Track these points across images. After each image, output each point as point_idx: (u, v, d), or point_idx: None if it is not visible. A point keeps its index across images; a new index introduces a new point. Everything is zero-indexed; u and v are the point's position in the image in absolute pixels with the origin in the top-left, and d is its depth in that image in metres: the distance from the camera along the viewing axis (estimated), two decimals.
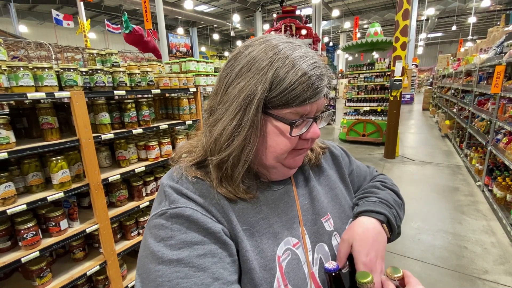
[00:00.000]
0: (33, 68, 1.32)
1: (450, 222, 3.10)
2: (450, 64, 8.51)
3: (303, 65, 0.45)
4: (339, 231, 0.58)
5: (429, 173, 4.65)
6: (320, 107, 0.50)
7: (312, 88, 0.45)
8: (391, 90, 5.23)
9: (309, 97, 0.45)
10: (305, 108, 0.47)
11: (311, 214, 0.58)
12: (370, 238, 0.53)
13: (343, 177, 0.69)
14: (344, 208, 0.63)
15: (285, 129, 0.48)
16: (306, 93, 0.44)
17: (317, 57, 0.48)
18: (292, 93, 0.44)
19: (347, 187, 0.69)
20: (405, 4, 4.71)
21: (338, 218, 0.60)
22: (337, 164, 0.70)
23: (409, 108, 14.01)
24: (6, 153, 1.22)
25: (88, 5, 12.15)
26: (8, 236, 1.37)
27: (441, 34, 23.95)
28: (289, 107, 0.46)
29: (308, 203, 0.59)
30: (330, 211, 0.60)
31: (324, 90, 0.47)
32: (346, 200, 0.65)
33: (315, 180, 0.63)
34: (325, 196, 0.62)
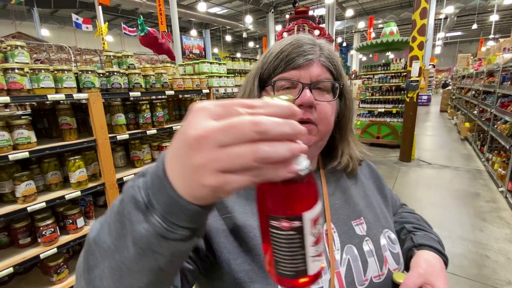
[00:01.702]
0: (54, 70, 1.37)
1: (471, 229, 2.97)
2: (471, 64, 8.19)
3: (283, 43, 0.56)
4: (372, 237, 0.57)
5: (447, 178, 4.48)
6: (314, 76, 0.54)
7: (292, 54, 0.54)
8: (407, 91, 5.08)
9: (288, 61, 0.54)
10: (292, 74, 0.54)
11: (342, 214, 0.58)
12: (445, 277, 0.55)
13: (382, 189, 0.70)
14: (379, 217, 0.62)
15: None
16: (285, 58, 0.54)
17: (306, 38, 0.56)
18: (275, 63, 0.55)
19: (385, 200, 0.68)
20: (422, 2, 4.57)
21: (372, 225, 0.59)
22: (375, 176, 0.71)
23: (426, 110, 13.58)
24: (27, 153, 1.27)
25: (106, 9, 12.55)
26: (28, 232, 1.42)
27: (461, 33, 23.11)
28: (276, 74, 0.55)
29: (339, 203, 0.59)
30: (364, 216, 0.59)
31: (305, 56, 0.53)
32: (381, 211, 0.64)
33: (350, 184, 0.64)
34: (360, 201, 0.62)
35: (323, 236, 0.33)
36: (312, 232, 0.31)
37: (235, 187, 0.24)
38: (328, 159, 0.65)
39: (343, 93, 0.60)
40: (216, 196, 0.26)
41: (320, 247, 0.33)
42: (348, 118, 0.63)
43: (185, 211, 0.27)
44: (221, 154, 0.23)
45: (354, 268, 0.52)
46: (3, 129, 1.23)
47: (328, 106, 0.55)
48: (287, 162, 0.26)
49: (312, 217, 0.31)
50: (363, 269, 0.53)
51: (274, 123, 0.25)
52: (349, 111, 0.62)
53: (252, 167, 0.24)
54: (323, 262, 0.34)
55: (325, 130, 0.55)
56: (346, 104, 0.61)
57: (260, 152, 0.24)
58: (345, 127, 0.63)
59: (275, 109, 0.26)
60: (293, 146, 0.25)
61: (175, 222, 0.28)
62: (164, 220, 0.28)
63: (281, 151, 0.24)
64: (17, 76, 1.24)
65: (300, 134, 0.26)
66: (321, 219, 0.33)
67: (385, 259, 0.55)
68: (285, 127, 0.25)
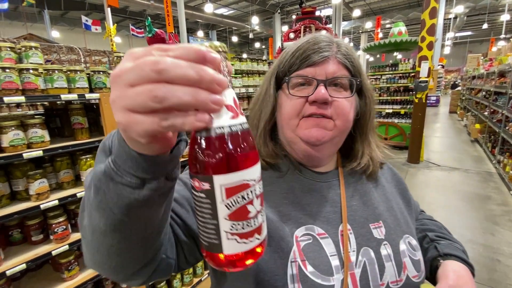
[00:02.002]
0: (67, 71, 1.40)
1: (481, 232, 2.91)
2: (481, 64, 8.03)
3: (300, 41, 0.57)
4: (391, 242, 0.56)
5: (457, 180, 4.40)
6: (329, 73, 0.54)
7: (307, 52, 0.54)
8: (416, 92, 5.02)
9: (304, 58, 0.54)
10: (307, 71, 0.54)
11: (359, 216, 0.57)
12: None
13: (404, 193, 0.68)
14: (399, 222, 0.60)
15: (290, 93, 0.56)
16: (301, 56, 0.55)
17: (323, 36, 0.56)
18: (291, 61, 0.56)
19: (407, 205, 0.67)
20: (432, 2, 4.51)
21: (391, 229, 0.58)
22: (397, 180, 0.70)
23: (435, 111, 13.38)
24: (41, 151, 1.29)
25: (114, 11, 12.74)
26: (41, 229, 1.45)
27: (471, 33, 22.68)
28: (292, 72, 0.56)
29: (357, 204, 0.59)
30: (383, 219, 0.58)
31: (321, 53, 0.53)
32: (403, 215, 0.62)
33: (370, 186, 0.63)
34: (379, 204, 0.61)
35: (255, 220, 0.30)
36: (227, 203, 0.28)
37: (144, 129, 0.24)
38: (348, 159, 0.64)
39: (362, 91, 0.60)
40: (133, 138, 0.26)
41: (244, 226, 0.29)
42: (369, 117, 0.61)
43: (129, 156, 0.29)
44: (126, 92, 0.24)
45: (370, 271, 0.52)
46: (18, 128, 1.26)
47: (345, 102, 0.54)
48: (199, 111, 0.25)
49: (226, 184, 0.28)
50: (379, 273, 0.52)
51: (174, 64, 0.23)
52: (369, 110, 0.61)
53: (156, 110, 0.24)
54: (255, 249, 0.30)
55: (342, 125, 0.55)
56: (366, 102, 0.60)
57: (156, 91, 0.23)
58: (365, 127, 0.62)
59: (182, 52, 0.25)
60: (199, 92, 0.24)
61: (121, 166, 0.30)
62: (113, 162, 0.30)
63: (180, 95, 0.23)
64: (32, 76, 1.27)
65: (209, 81, 0.24)
66: (249, 195, 0.29)
67: (404, 265, 0.54)
68: (188, 70, 0.24)
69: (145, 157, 0.29)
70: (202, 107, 0.25)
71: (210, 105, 0.25)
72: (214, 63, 0.25)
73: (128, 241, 0.35)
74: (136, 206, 0.32)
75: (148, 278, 0.44)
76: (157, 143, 0.28)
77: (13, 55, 1.43)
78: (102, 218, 0.33)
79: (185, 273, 2.06)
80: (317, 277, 0.48)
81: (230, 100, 0.29)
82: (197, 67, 0.24)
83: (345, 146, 0.64)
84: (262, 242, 0.32)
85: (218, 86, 0.25)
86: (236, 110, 0.29)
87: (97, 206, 0.32)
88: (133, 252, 0.38)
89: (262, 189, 0.32)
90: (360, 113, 0.60)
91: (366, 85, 0.59)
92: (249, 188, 0.29)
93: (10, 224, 1.43)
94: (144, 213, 0.33)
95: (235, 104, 0.29)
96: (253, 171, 0.29)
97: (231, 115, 0.28)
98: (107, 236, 0.34)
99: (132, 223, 0.34)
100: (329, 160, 0.62)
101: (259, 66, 2.91)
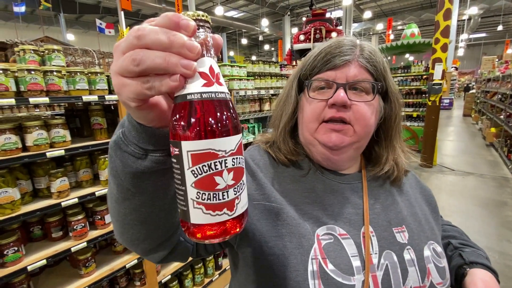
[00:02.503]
0: (88, 73, 1.44)
1: (497, 239, 2.83)
2: (497, 66, 7.82)
3: (324, 45, 0.57)
4: (414, 247, 0.55)
5: (471, 185, 4.29)
6: (350, 76, 0.54)
7: (329, 55, 0.54)
8: (429, 95, 4.93)
9: (325, 61, 0.55)
10: (328, 74, 0.55)
11: (382, 219, 0.57)
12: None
13: (430, 200, 0.68)
14: (424, 228, 0.59)
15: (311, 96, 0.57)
16: (322, 59, 0.55)
17: (347, 39, 0.56)
18: (313, 64, 0.56)
19: (433, 211, 0.66)
20: (446, 3, 4.43)
21: (415, 234, 0.57)
22: (422, 187, 0.69)
23: (448, 114, 13.09)
24: (63, 151, 1.34)
25: (127, 14, 13.01)
26: (60, 226, 1.49)
27: (485, 35, 22.14)
28: (313, 75, 0.57)
29: (380, 208, 0.58)
30: (406, 224, 0.58)
31: (342, 57, 0.53)
32: (427, 222, 0.62)
33: (393, 191, 0.62)
34: (403, 208, 0.60)
35: (225, 193, 0.29)
36: (192, 170, 0.28)
37: (130, 90, 0.28)
38: (371, 164, 0.64)
39: (388, 95, 0.59)
40: (125, 102, 0.30)
41: (210, 197, 0.29)
42: (394, 122, 0.60)
43: (133, 127, 0.34)
44: (119, 58, 0.28)
45: (393, 274, 0.51)
46: (41, 128, 1.30)
47: (365, 106, 0.54)
48: (174, 73, 0.27)
49: (192, 151, 0.28)
50: (402, 277, 0.51)
51: (150, 30, 0.26)
52: (395, 114, 0.59)
53: (138, 73, 0.27)
54: (223, 224, 0.30)
55: (361, 131, 0.54)
56: (392, 107, 0.59)
57: (135, 55, 0.26)
58: (390, 131, 0.61)
59: (159, 20, 0.28)
60: (170, 56, 0.26)
61: (128, 136, 0.34)
62: (122, 133, 0.35)
63: (153, 58, 0.26)
64: (55, 78, 1.32)
65: (179, 45, 0.26)
66: (217, 166, 0.28)
67: (428, 271, 0.53)
68: (160, 35, 0.26)
69: (145, 128, 0.33)
70: (172, 70, 0.27)
71: (180, 68, 0.27)
72: (187, 29, 0.27)
73: (138, 213, 0.39)
74: (140, 177, 0.35)
75: (165, 257, 0.48)
76: (149, 110, 0.31)
77: (36, 58, 1.49)
78: (114, 185, 0.38)
79: (197, 273, 2.08)
80: (337, 275, 0.49)
81: (206, 68, 0.29)
82: (169, 32, 0.26)
83: (369, 150, 0.64)
84: (234, 219, 0.31)
85: (189, 51, 0.27)
86: (211, 78, 0.29)
87: (110, 173, 0.37)
88: (145, 226, 0.41)
89: (241, 164, 0.31)
90: (385, 117, 0.59)
91: (391, 89, 0.58)
92: (216, 158, 0.28)
93: (31, 221, 1.48)
94: (150, 186, 0.36)
95: (212, 72, 0.29)
96: (224, 141, 0.29)
97: (203, 82, 0.28)
98: (120, 205, 0.39)
99: (139, 194, 0.37)
100: (351, 163, 0.62)
101: (271, 68, 2.92)
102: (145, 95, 0.28)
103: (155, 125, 0.33)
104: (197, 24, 0.29)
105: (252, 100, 2.62)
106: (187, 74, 0.27)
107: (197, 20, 0.30)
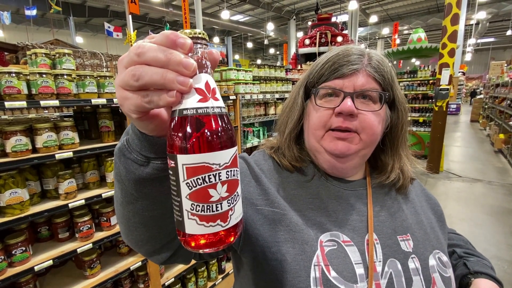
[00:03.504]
0: (97, 76, 1.47)
1: (507, 248, 2.77)
2: (505, 72, 7.72)
3: (331, 53, 0.57)
4: (419, 256, 0.55)
5: (479, 192, 4.22)
6: (358, 85, 0.54)
7: (337, 64, 0.55)
8: (436, 100, 4.88)
9: (333, 70, 0.55)
10: (335, 83, 0.55)
11: (387, 227, 0.57)
12: None
13: (435, 208, 0.67)
14: (429, 237, 0.59)
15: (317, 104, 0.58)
16: (330, 68, 0.55)
17: (355, 48, 0.57)
18: (321, 72, 0.57)
19: (439, 220, 0.66)
20: (454, 8, 4.40)
21: (420, 243, 0.57)
22: (427, 195, 0.69)
23: (455, 119, 12.93)
24: (71, 153, 1.36)
25: (135, 18, 13.22)
26: (67, 227, 1.51)
27: (493, 39, 21.90)
28: (320, 83, 0.57)
29: (384, 215, 0.58)
30: (411, 232, 0.57)
31: (350, 66, 0.54)
32: (433, 230, 0.61)
33: (399, 199, 0.62)
34: (408, 217, 0.60)
35: (219, 205, 0.30)
36: (187, 182, 0.29)
37: (131, 103, 0.30)
38: (377, 171, 0.64)
39: (395, 104, 0.59)
40: (127, 113, 0.31)
41: (204, 209, 0.30)
42: (400, 131, 0.60)
43: (136, 136, 0.35)
44: (121, 72, 0.30)
45: (397, 283, 0.51)
46: (51, 130, 1.33)
47: (372, 116, 0.54)
48: (171, 89, 0.28)
49: (187, 164, 0.29)
50: (406, 286, 0.51)
51: (149, 47, 0.28)
52: (401, 123, 0.59)
53: (137, 87, 0.29)
54: (216, 234, 0.31)
55: (368, 139, 0.54)
56: (398, 115, 0.59)
57: (135, 71, 0.28)
58: (396, 140, 0.61)
59: (158, 37, 0.29)
60: (167, 73, 0.28)
61: (131, 144, 0.36)
62: (126, 141, 0.37)
63: (151, 74, 0.28)
64: (65, 81, 1.34)
65: (176, 63, 0.28)
66: (211, 179, 0.29)
67: (433, 281, 0.53)
68: (158, 53, 0.28)
69: (146, 137, 0.35)
70: (169, 86, 0.28)
71: (176, 85, 0.28)
72: (183, 47, 0.29)
73: (141, 216, 0.41)
74: (142, 183, 0.37)
75: (168, 259, 0.49)
76: (149, 121, 0.33)
77: (47, 61, 1.52)
78: (119, 190, 0.40)
79: (200, 277, 2.08)
80: (340, 283, 0.48)
81: (202, 84, 0.30)
82: (167, 51, 0.28)
83: (375, 158, 0.64)
84: (227, 230, 0.32)
85: (185, 69, 0.28)
86: (207, 94, 0.30)
87: (115, 178, 0.39)
88: (148, 228, 0.43)
89: (235, 176, 0.32)
90: (391, 126, 0.59)
91: (398, 98, 0.58)
92: (211, 171, 0.29)
93: (39, 221, 1.50)
94: (151, 191, 0.38)
95: (208, 88, 0.31)
96: (218, 155, 0.30)
97: (199, 98, 0.30)
98: (124, 208, 0.41)
99: (142, 199, 0.39)
100: (356, 171, 0.62)
101: (276, 73, 2.93)
102: (144, 108, 0.30)
103: (157, 134, 0.35)
104: (194, 41, 0.31)
105: (257, 104, 2.63)
106: (183, 90, 0.29)
107: (193, 38, 0.31)
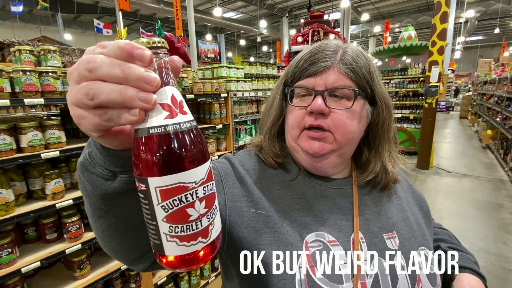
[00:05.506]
0: None
1: (493, 241, 2.85)
2: (493, 69, 7.90)
3: (306, 50, 0.56)
4: (405, 253, 0.55)
5: (467, 187, 4.32)
6: (329, 83, 0.53)
7: (307, 62, 0.54)
8: (426, 97, 4.96)
9: (304, 68, 0.54)
10: (307, 81, 0.55)
11: (373, 225, 0.56)
12: None
13: (421, 204, 0.67)
14: (415, 233, 0.59)
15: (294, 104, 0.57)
16: (301, 66, 0.55)
17: (329, 44, 0.56)
18: (295, 71, 0.56)
19: (425, 216, 0.66)
20: (443, 6, 4.47)
21: (406, 240, 0.56)
22: (414, 191, 0.69)
23: (445, 116, 13.18)
24: (58, 152, 1.33)
25: (125, 14, 12.99)
26: (55, 228, 1.48)
27: (482, 38, 22.33)
28: (295, 82, 0.57)
29: (370, 213, 0.58)
30: (397, 230, 0.57)
31: (320, 63, 0.53)
32: (419, 227, 0.61)
33: (384, 197, 0.62)
34: (394, 214, 0.60)
35: (198, 223, 0.29)
36: (163, 205, 0.27)
37: (89, 122, 0.26)
38: (362, 169, 0.63)
39: (376, 100, 0.57)
40: (87, 132, 0.28)
41: (183, 230, 0.28)
42: (382, 128, 0.58)
43: (98, 150, 0.32)
44: (73, 88, 0.26)
45: (382, 281, 0.51)
46: (36, 129, 1.29)
47: (345, 113, 0.52)
48: (132, 108, 0.25)
49: (160, 187, 0.26)
50: (392, 284, 0.51)
51: (101, 61, 0.24)
52: (383, 119, 0.57)
53: (93, 106, 0.25)
54: (198, 252, 0.30)
55: (342, 138, 0.53)
56: (379, 112, 0.57)
57: (87, 89, 0.24)
58: (378, 138, 0.59)
59: (110, 49, 0.25)
60: (127, 90, 0.24)
61: (94, 158, 0.33)
62: (89, 154, 0.34)
63: (108, 92, 0.24)
64: (51, 79, 1.31)
65: (135, 78, 0.24)
66: (188, 198, 0.27)
67: (419, 278, 0.53)
68: (113, 68, 0.24)
69: (109, 151, 0.31)
70: (130, 104, 0.25)
71: (137, 102, 0.25)
72: (142, 59, 0.25)
73: (115, 229, 0.38)
74: (111, 197, 0.33)
75: (150, 266, 0.47)
76: (113, 138, 0.30)
77: (32, 58, 1.48)
78: (88, 204, 0.37)
79: (193, 275, 2.07)
80: (325, 284, 0.48)
81: (167, 98, 0.27)
82: (123, 65, 0.24)
83: (360, 155, 0.63)
84: (209, 245, 0.31)
85: (146, 84, 0.25)
86: (174, 109, 0.27)
87: (81, 192, 0.36)
88: (124, 240, 0.40)
89: (212, 190, 0.31)
90: (373, 122, 0.58)
91: (380, 93, 0.56)
92: (187, 191, 0.27)
93: (25, 222, 1.47)
94: (122, 205, 0.35)
95: (174, 102, 0.27)
96: (193, 173, 0.28)
97: (166, 114, 0.26)
98: (96, 222, 0.38)
99: (113, 213, 0.36)
100: (338, 169, 0.61)
101: (268, 70, 2.92)
102: (104, 126, 0.27)
103: (122, 148, 0.32)
104: (153, 52, 0.27)
105: (249, 102, 2.62)
106: (147, 108, 0.25)
107: (152, 48, 0.28)
